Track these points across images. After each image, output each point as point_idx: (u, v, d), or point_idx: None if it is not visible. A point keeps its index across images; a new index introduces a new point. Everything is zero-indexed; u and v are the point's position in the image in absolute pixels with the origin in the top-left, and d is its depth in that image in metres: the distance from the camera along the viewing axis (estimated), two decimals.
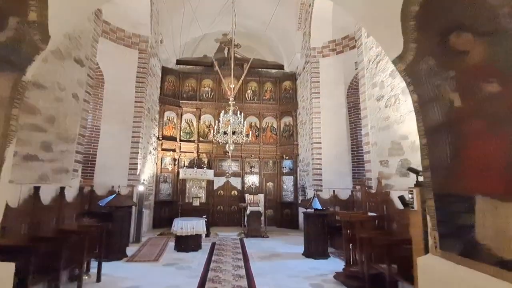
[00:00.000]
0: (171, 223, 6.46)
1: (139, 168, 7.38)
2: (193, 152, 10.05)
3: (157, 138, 9.48)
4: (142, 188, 7.30)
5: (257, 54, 11.37)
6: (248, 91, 10.78)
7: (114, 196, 5.71)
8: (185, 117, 10.30)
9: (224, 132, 7.49)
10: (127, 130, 7.32)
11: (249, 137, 7.78)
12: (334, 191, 7.33)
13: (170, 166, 9.82)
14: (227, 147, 7.36)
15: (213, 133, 8.23)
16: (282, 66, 11.39)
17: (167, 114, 9.98)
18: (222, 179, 10.02)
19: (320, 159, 8.10)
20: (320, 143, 8.18)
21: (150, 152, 8.71)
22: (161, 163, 9.65)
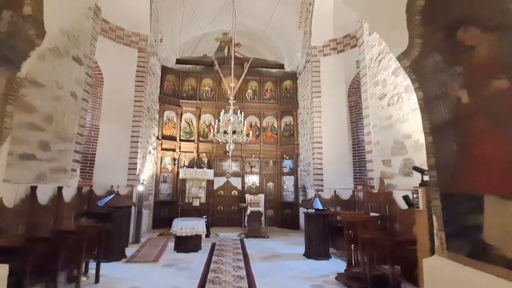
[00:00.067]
0: (171, 223, 6.41)
1: (138, 168, 7.32)
2: (193, 152, 10.00)
3: (156, 137, 9.43)
4: (141, 188, 7.25)
5: (257, 53, 11.30)
6: (249, 91, 10.74)
7: (113, 196, 5.66)
8: (185, 116, 10.25)
9: (224, 132, 7.42)
10: (126, 129, 7.27)
11: (249, 136, 7.72)
12: (335, 191, 7.27)
13: (170, 166, 9.76)
14: (227, 146, 7.29)
15: (213, 132, 8.17)
16: (282, 66, 11.34)
17: (167, 114, 9.93)
18: (222, 179, 9.94)
19: (321, 159, 8.04)
20: (321, 143, 8.12)
21: (150, 152, 8.65)
22: (160, 163, 9.59)
